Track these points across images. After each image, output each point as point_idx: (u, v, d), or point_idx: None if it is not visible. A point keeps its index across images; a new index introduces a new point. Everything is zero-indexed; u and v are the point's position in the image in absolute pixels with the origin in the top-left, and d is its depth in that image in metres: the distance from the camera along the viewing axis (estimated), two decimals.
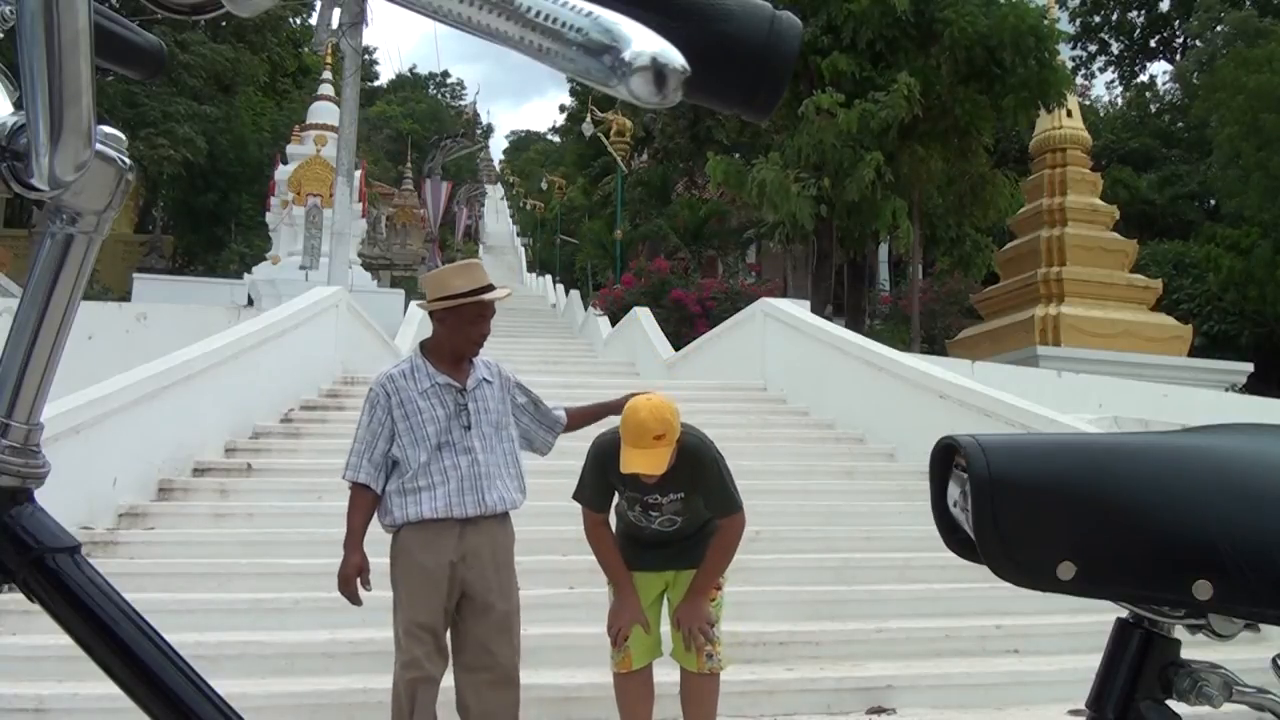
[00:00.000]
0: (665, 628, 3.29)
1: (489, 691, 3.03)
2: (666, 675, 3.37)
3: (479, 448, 3.09)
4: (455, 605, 3.03)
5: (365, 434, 3.10)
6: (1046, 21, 14.80)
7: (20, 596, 0.67)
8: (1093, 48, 32.93)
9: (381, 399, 3.09)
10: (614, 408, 3.29)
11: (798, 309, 10.11)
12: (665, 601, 3.29)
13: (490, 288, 3.15)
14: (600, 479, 3.20)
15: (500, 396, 3.22)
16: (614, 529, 3.32)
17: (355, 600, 3.04)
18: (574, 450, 6.16)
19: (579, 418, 3.46)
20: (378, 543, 3.11)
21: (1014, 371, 11.26)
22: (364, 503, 3.09)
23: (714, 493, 3.12)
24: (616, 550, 3.23)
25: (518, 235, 53.03)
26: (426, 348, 3.20)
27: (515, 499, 3.17)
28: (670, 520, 3.16)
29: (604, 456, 3.17)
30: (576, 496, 3.28)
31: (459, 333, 3.12)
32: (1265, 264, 18.83)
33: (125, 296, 17.05)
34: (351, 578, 3.01)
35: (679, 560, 3.21)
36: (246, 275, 19.02)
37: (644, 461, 2.94)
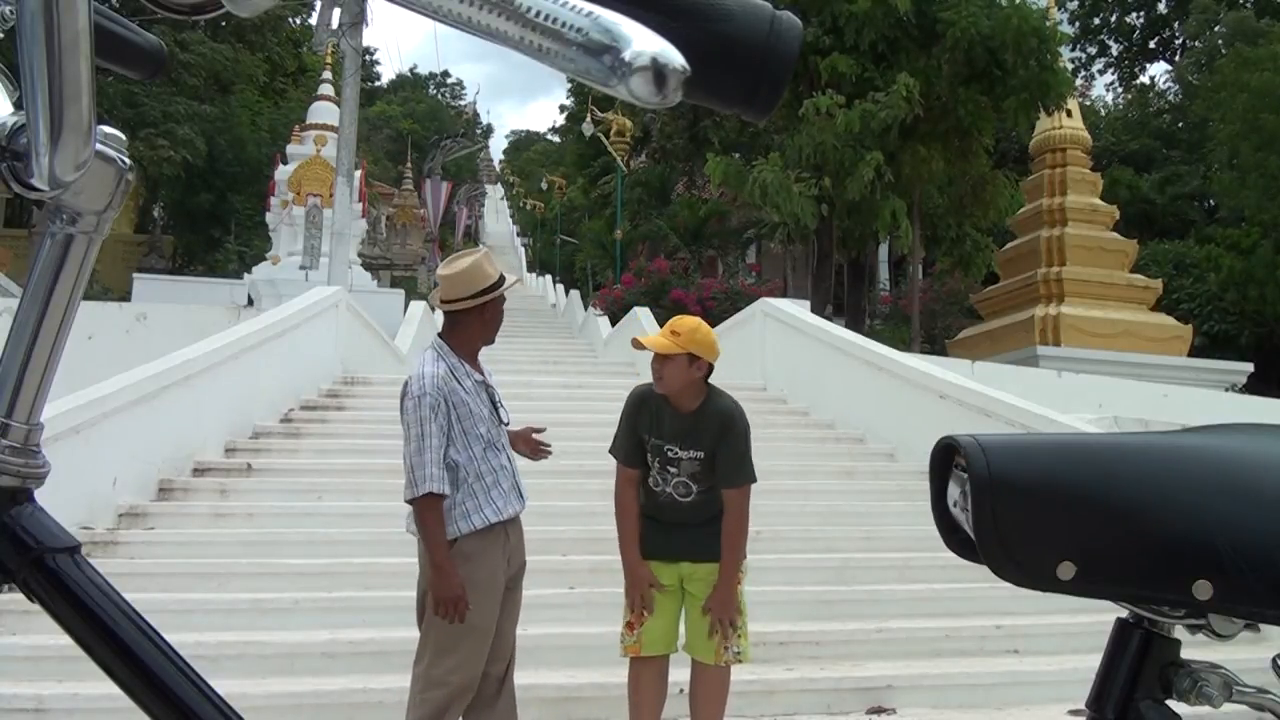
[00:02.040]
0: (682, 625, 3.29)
1: (507, 679, 3.10)
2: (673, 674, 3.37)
3: (508, 444, 3.15)
4: None
5: (435, 441, 2.93)
6: (1049, 24, 14.79)
7: (20, 596, 0.67)
8: (1092, 50, 32.95)
9: (440, 404, 2.96)
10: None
11: (798, 309, 10.11)
12: (684, 596, 3.27)
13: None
14: (630, 427, 3.25)
15: None
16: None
17: (464, 619, 2.91)
18: (572, 450, 6.16)
19: None
20: (393, 543, 3.09)
21: (1014, 371, 11.25)
22: (442, 512, 2.95)
23: (731, 456, 3.15)
24: (635, 517, 3.23)
25: (518, 235, 53.04)
26: (455, 344, 3.10)
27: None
28: (685, 486, 3.17)
29: (635, 401, 3.27)
30: (612, 450, 3.31)
31: (493, 323, 3.11)
32: (1265, 264, 18.83)
33: (125, 296, 17.04)
34: (461, 595, 2.87)
35: (692, 551, 3.20)
36: (246, 275, 19.00)
37: (651, 337, 3.16)
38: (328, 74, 22.13)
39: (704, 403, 3.19)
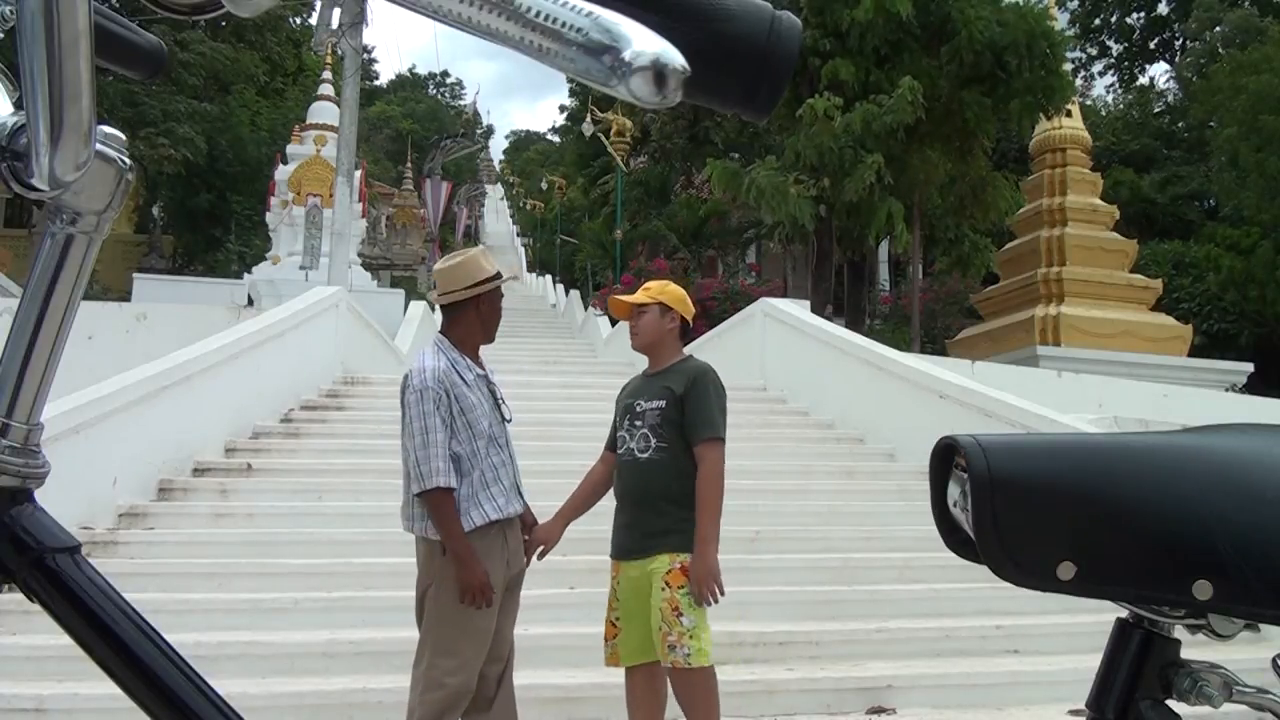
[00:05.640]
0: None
1: (505, 679, 3.10)
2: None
3: (509, 442, 3.14)
4: None
5: (439, 436, 2.94)
6: (1057, 27, 14.80)
7: (20, 596, 0.67)
8: (1092, 50, 32.95)
9: (442, 397, 2.98)
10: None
11: (798, 309, 10.11)
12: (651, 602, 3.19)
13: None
14: (616, 410, 3.36)
15: None
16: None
17: (492, 604, 2.94)
18: (572, 450, 6.16)
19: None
20: (393, 543, 3.08)
21: (1014, 371, 11.24)
22: (454, 505, 2.95)
23: (699, 407, 3.13)
24: (586, 487, 3.42)
25: (518, 235, 53.02)
26: (456, 340, 3.12)
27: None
28: (645, 439, 3.15)
29: (623, 386, 3.44)
30: None
31: (491, 317, 3.12)
32: (1265, 264, 18.84)
33: (125, 296, 17.02)
34: (487, 581, 2.89)
35: (646, 544, 3.11)
36: (246, 275, 19.00)
37: (625, 297, 3.39)
38: (327, 74, 22.14)
39: (677, 361, 3.29)
